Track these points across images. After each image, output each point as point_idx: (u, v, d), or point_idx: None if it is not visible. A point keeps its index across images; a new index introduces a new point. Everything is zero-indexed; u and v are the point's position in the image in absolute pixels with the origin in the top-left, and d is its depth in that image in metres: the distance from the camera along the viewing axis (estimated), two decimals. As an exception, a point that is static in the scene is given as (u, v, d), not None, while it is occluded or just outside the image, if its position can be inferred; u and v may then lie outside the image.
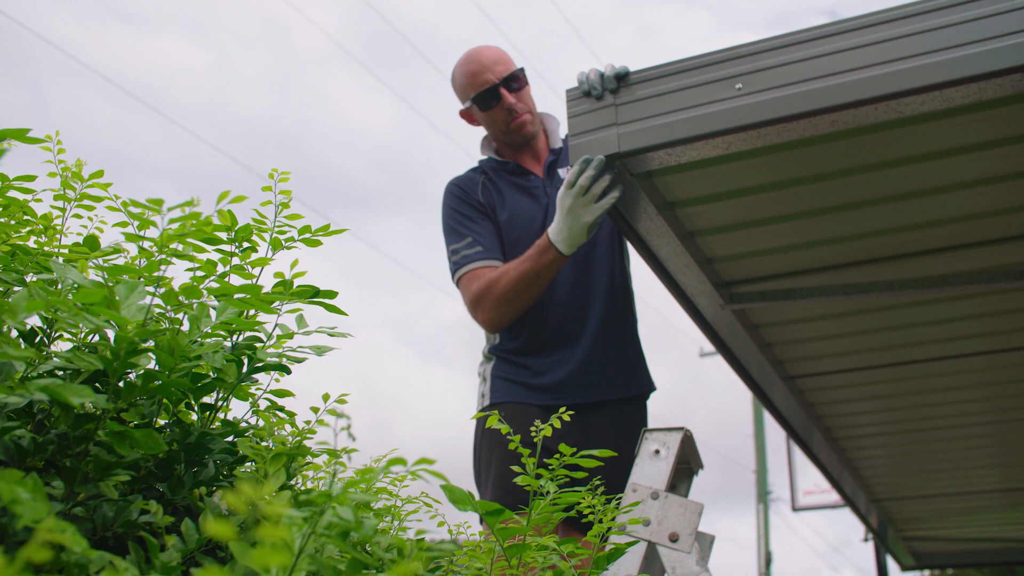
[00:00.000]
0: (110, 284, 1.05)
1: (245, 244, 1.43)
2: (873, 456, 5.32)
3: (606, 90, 2.45)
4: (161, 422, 1.26)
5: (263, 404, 1.45)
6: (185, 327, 1.26)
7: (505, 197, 3.00)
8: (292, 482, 1.29)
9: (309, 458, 1.29)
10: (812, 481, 14.42)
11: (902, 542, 7.41)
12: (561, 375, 2.88)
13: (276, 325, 1.27)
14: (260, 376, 1.38)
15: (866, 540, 11.60)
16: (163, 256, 1.14)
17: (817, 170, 2.58)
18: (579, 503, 1.41)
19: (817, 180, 2.63)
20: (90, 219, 1.67)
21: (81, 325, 1.12)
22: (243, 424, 1.31)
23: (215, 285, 1.27)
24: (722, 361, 4.72)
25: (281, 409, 1.38)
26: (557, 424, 1.42)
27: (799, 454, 14.02)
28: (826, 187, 2.65)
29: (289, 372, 1.34)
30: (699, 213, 2.78)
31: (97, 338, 1.30)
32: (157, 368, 1.11)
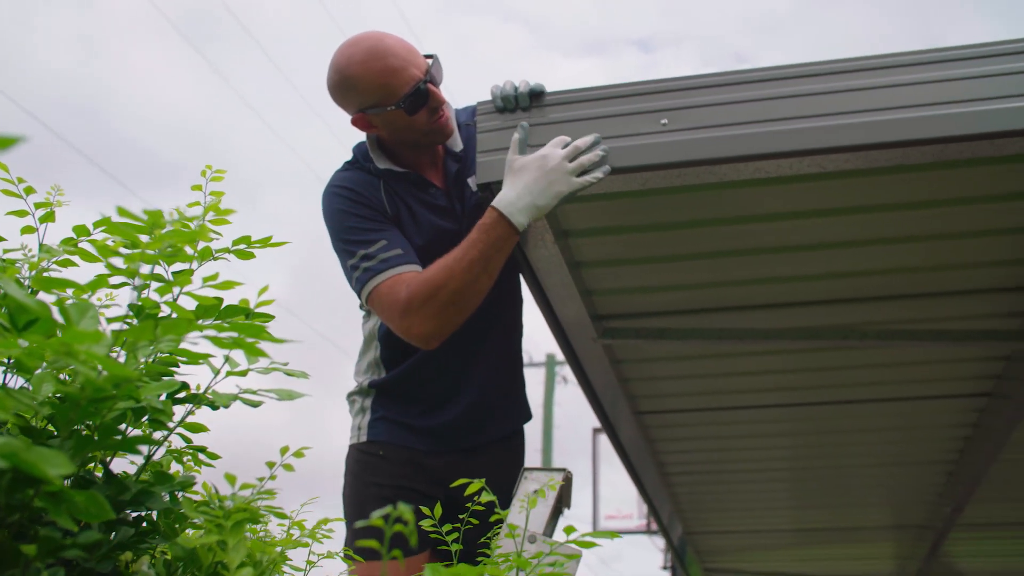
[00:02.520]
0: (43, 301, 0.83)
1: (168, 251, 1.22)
2: (694, 492, 5.40)
3: (519, 107, 2.31)
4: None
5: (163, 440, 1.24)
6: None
7: (419, 218, 2.51)
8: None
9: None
10: (614, 506, 14.74)
11: (704, 573, 7.59)
12: (449, 417, 2.59)
13: (227, 359, 1.06)
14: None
15: (665, 568, 11.92)
16: (137, 270, 0.92)
17: (713, 214, 2.54)
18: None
19: (711, 224, 2.59)
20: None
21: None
22: (178, 474, 1.09)
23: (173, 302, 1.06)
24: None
25: (202, 450, 1.16)
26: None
27: (604, 480, 14.35)
28: (718, 232, 2.62)
29: (216, 408, 1.13)
30: (587, 244, 2.69)
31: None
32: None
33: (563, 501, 2.53)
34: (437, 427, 2.58)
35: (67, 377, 1.10)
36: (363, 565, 2.34)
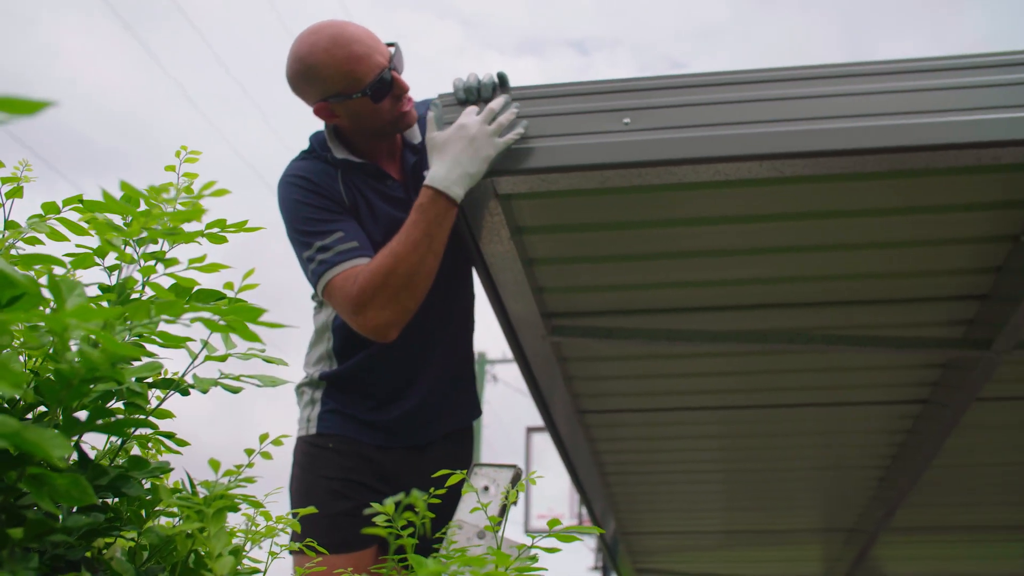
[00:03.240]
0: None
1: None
2: (630, 492, 5.43)
3: (481, 99, 2.29)
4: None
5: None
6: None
7: (376, 210, 2.49)
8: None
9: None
10: (546, 506, 14.81)
11: (635, 573, 7.64)
12: (401, 412, 2.57)
13: (204, 344, 1.03)
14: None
15: (596, 568, 11.98)
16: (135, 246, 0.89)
17: (670, 215, 2.56)
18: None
19: (667, 225, 2.60)
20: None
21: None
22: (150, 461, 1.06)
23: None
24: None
25: (171, 436, 1.13)
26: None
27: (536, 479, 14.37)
28: (673, 233, 2.64)
29: (187, 394, 1.10)
30: (542, 241, 2.69)
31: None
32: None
33: (510, 497, 2.53)
34: (389, 422, 2.56)
35: (24, 358, 1.07)
36: (315, 559, 2.32)
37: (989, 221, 2.50)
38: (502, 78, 2.27)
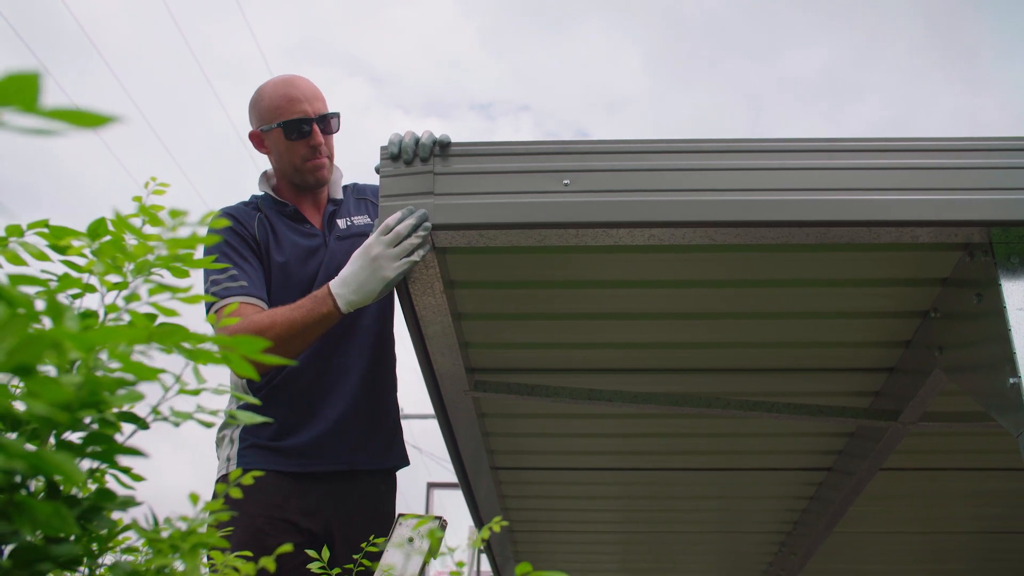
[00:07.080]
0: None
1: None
2: (536, 551, 5.43)
3: (417, 156, 2.32)
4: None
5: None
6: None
7: (282, 240, 2.75)
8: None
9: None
10: (444, 562, 14.62)
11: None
12: (311, 435, 2.66)
13: (177, 378, 1.02)
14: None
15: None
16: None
17: (603, 276, 2.61)
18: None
19: (599, 286, 2.65)
20: None
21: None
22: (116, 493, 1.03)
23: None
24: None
25: (127, 471, 1.11)
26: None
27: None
28: (604, 294, 2.69)
29: (147, 427, 1.09)
30: (471, 296, 2.72)
31: None
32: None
33: (433, 548, 2.53)
34: (299, 446, 2.61)
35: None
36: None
37: (902, 296, 2.61)
38: (442, 143, 2.30)
